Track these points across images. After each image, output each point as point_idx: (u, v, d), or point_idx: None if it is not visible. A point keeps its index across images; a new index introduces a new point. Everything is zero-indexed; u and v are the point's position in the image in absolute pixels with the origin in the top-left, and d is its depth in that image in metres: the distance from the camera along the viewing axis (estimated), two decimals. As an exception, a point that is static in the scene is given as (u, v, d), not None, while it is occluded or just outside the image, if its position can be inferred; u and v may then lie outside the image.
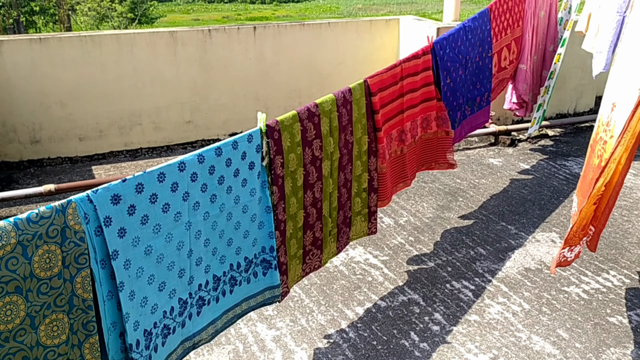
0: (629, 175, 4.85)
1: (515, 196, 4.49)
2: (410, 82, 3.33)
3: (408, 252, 3.65)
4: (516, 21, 4.63)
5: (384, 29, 5.85)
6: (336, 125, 2.72)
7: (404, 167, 3.45)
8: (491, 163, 5.17)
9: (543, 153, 5.41)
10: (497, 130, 5.59)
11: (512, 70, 4.79)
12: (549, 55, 5.30)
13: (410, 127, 3.43)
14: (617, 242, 3.77)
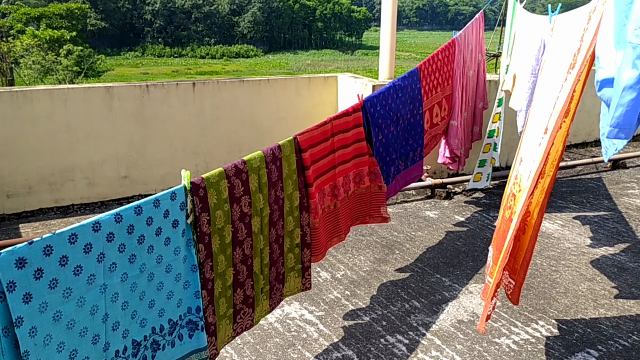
0: (556, 226, 5.07)
1: (450, 248, 4.58)
2: (342, 139, 3.41)
3: (344, 307, 3.63)
4: (446, 80, 4.86)
5: (323, 86, 6.01)
6: (265, 181, 2.74)
7: (337, 221, 3.48)
8: (427, 215, 5.28)
9: (477, 205, 5.59)
10: (433, 184, 5.75)
11: (444, 127, 4.99)
12: (479, 112, 5.57)
13: (343, 182, 3.49)
14: (546, 292, 3.89)
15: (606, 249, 4.61)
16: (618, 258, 4.44)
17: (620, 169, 6.89)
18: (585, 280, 4.08)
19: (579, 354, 3.19)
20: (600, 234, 4.91)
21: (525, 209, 2.39)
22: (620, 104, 1.54)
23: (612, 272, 4.19)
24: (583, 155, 7.40)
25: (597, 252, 4.55)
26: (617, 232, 4.96)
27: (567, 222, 5.16)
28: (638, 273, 4.18)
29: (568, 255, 4.49)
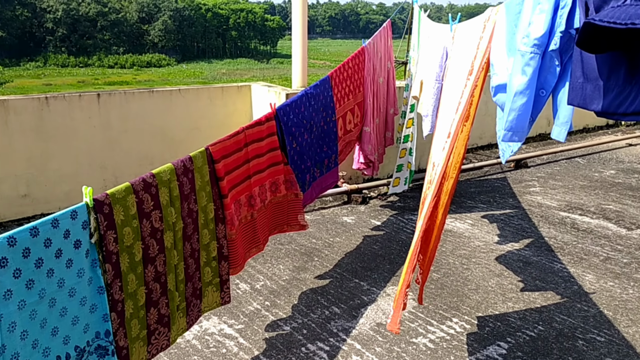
0: (467, 225, 5.30)
1: (367, 252, 4.66)
2: (256, 148, 3.38)
3: (264, 318, 3.59)
4: (357, 87, 4.95)
5: (237, 95, 5.95)
6: (177, 194, 2.65)
7: (255, 232, 3.43)
8: (345, 221, 5.35)
9: (392, 209, 5.73)
10: (349, 189, 5.84)
11: (357, 133, 5.08)
12: (390, 118, 5.73)
13: (259, 192, 3.45)
14: (459, 290, 4.04)
15: (512, 245, 4.88)
16: (523, 253, 4.71)
17: (522, 168, 7.33)
18: (494, 276, 4.29)
19: (490, 347, 3.33)
20: (506, 231, 5.19)
21: (430, 211, 2.47)
22: (512, 108, 1.64)
23: (518, 267, 4.44)
24: (489, 156, 7.81)
25: (504, 248, 4.80)
26: (521, 228, 5.26)
27: (476, 222, 5.41)
28: (541, 266, 4.46)
29: (478, 253, 4.70)
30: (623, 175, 7.06)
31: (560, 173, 7.15)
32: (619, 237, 5.07)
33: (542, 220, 5.46)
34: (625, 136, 9.11)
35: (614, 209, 5.80)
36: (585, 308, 3.83)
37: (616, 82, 1.06)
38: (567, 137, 1.92)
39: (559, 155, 7.97)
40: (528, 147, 8.50)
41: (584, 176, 7.02)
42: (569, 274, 4.34)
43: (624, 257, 4.63)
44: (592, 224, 5.40)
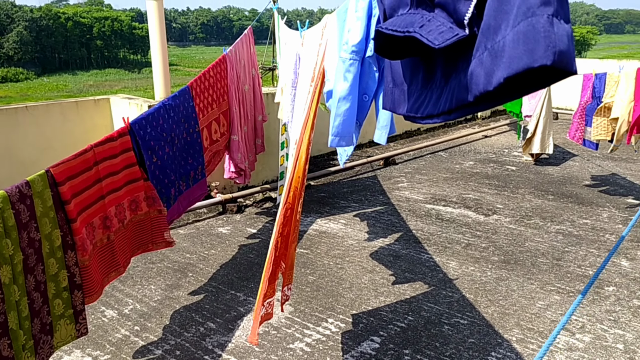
0: (340, 225, 5.42)
1: (244, 262, 4.60)
2: (109, 166, 3.18)
3: (133, 345, 3.39)
4: (221, 96, 4.87)
5: (94, 110, 5.60)
6: (13, 224, 2.40)
7: (114, 255, 3.22)
8: (220, 232, 5.24)
9: (268, 215, 5.72)
10: (223, 199, 5.73)
11: (225, 142, 4.99)
12: (259, 125, 5.71)
13: (116, 212, 3.25)
14: (333, 290, 4.12)
15: (383, 240, 5.07)
16: (393, 247, 4.91)
17: (391, 165, 7.68)
18: (367, 272, 4.42)
19: (364, 342, 3.42)
20: (377, 227, 5.39)
21: (282, 218, 2.47)
22: (337, 114, 1.68)
23: (388, 261, 4.62)
24: (360, 156, 8.07)
25: (376, 244, 4.97)
26: (391, 223, 5.49)
27: (349, 221, 5.56)
28: (410, 258, 4.67)
29: (351, 251, 4.82)
30: (480, 165, 7.65)
31: (426, 167, 7.58)
32: (478, 223, 5.47)
33: (410, 214, 5.74)
34: (482, 129, 9.89)
35: (473, 198, 6.25)
36: (450, 294, 4.07)
37: (416, 87, 1.11)
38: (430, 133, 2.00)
39: (424, 151, 8.45)
40: (396, 144, 8.92)
41: (447, 169, 7.50)
42: (435, 263, 4.60)
43: (482, 242, 5.00)
44: (455, 213, 5.77)
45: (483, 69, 0.83)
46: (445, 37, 0.92)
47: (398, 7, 1.07)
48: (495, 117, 11.17)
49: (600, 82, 6.01)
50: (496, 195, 6.32)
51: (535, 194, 6.35)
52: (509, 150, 8.54)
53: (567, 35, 0.73)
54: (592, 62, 11.92)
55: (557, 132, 8.93)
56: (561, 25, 0.73)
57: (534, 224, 5.43)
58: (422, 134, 9.73)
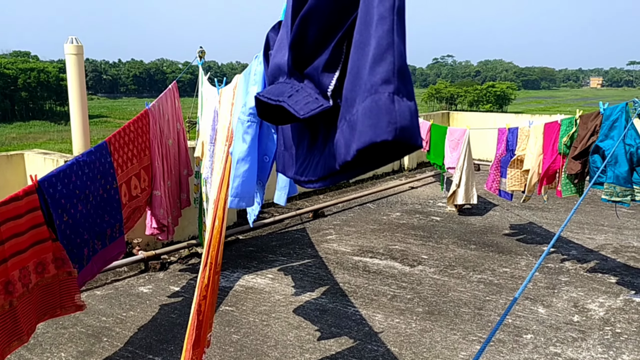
0: (267, 280, 5.34)
1: (165, 323, 4.40)
2: (13, 226, 3.00)
3: (36, 421, 3.12)
4: (142, 150, 4.77)
5: (7, 166, 5.33)
6: None
7: (16, 322, 3.01)
8: (141, 292, 5.02)
9: (193, 272, 5.55)
10: (145, 256, 5.52)
11: (145, 198, 4.86)
12: (184, 180, 5.61)
13: (20, 276, 3.05)
14: (258, 349, 4.00)
15: (310, 294, 5.02)
16: (320, 301, 4.86)
17: (320, 217, 7.71)
18: (293, 328, 4.34)
19: (287, 404, 3.31)
20: (305, 281, 5.34)
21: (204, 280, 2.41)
22: (236, 175, 1.68)
23: (315, 316, 4.56)
24: (289, 209, 8.07)
25: (302, 299, 4.91)
26: (319, 277, 5.46)
27: (276, 275, 5.48)
28: (336, 312, 4.64)
29: (278, 307, 4.74)
30: (407, 216, 7.82)
31: (354, 219, 7.67)
32: (404, 274, 5.54)
33: (337, 267, 5.74)
34: (408, 180, 10.18)
35: (399, 249, 6.35)
36: (375, 348, 4.05)
37: (302, 151, 1.13)
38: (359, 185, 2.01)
39: (352, 202, 8.57)
40: (325, 196, 9.01)
41: (375, 220, 7.62)
42: (361, 316, 4.58)
43: (408, 294, 5.05)
44: (381, 265, 5.83)
45: (343, 139, 0.85)
46: (311, 108, 0.94)
47: (278, 75, 1.10)
48: (421, 169, 11.56)
49: (513, 135, 6.38)
50: (421, 246, 6.45)
51: (458, 244, 6.54)
52: (434, 200, 8.81)
53: (410, 112, 0.77)
54: (507, 116, 12.69)
55: (480, 183, 9.33)
56: (403, 103, 0.77)
57: (457, 273, 5.57)
58: (351, 186, 9.90)
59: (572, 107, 57.27)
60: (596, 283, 5.28)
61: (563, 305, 4.79)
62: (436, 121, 11.86)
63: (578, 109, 5.93)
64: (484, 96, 60.13)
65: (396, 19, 0.80)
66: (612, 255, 6.11)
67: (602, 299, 4.91)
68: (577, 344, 4.09)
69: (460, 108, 60.50)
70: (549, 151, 5.68)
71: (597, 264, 5.81)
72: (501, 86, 62.50)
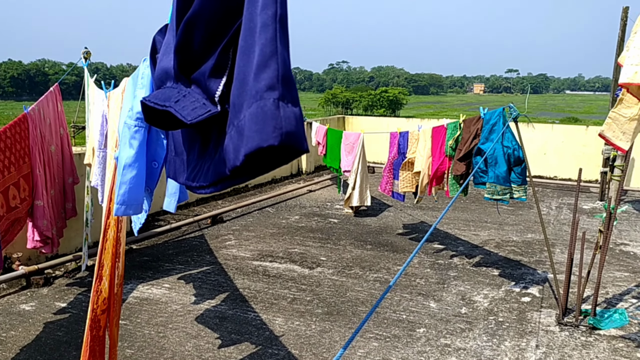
0: (164, 290, 5.15)
1: (50, 342, 4.11)
2: None
3: None
4: (21, 157, 4.43)
5: None
6: None
7: None
8: (23, 310, 4.65)
9: (81, 286, 5.23)
10: (27, 272, 5.12)
11: (26, 208, 4.51)
12: (69, 188, 5.28)
13: None
14: (154, 362, 3.85)
15: (209, 302, 4.92)
16: (219, 308, 4.78)
17: (219, 223, 7.59)
18: (192, 338, 4.22)
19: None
20: (204, 289, 5.22)
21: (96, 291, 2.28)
22: (122, 181, 1.62)
23: (214, 324, 4.47)
24: (187, 215, 7.87)
25: (201, 307, 4.80)
26: (218, 283, 5.37)
27: (173, 284, 5.31)
28: (236, 318, 4.58)
29: (175, 317, 4.59)
30: (305, 220, 7.91)
31: (254, 224, 7.63)
32: (303, 277, 5.60)
33: (237, 272, 5.68)
34: (307, 183, 10.31)
35: (298, 252, 6.41)
36: (276, 352, 4.05)
37: (193, 156, 1.12)
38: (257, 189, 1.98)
39: (252, 207, 8.52)
40: (224, 201, 8.88)
41: (274, 224, 7.63)
42: (262, 321, 4.56)
43: (307, 296, 5.11)
44: (281, 268, 5.84)
45: (232, 144, 0.85)
46: (198, 113, 0.93)
47: (165, 80, 1.07)
48: (319, 172, 11.76)
49: (404, 139, 6.68)
50: (320, 248, 6.56)
51: (355, 245, 6.73)
52: (332, 203, 8.99)
53: (295, 117, 0.79)
54: (399, 121, 13.28)
55: (375, 185, 9.66)
56: (288, 109, 0.79)
57: (354, 273, 5.72)
58: (250, 191, 9.84)
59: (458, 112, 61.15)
60: (481, 276, 5.66)
61: (452, 298, 5.08)
62: (332, 125, 12.14)
63: (462, 113, 6.35)
64: (378, 101, 62.37)
65: (279, 27, 0.81)
66: (494, 249, 6.59)
67: (486, 290, 5.28)
68: (465, 334, 4.36)
69: (356, 112, 62.35)
70: (437, 154, 6.01)
71: (482, 259, 6.23)
72: (393, 91, 65.23)
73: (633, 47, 3.37)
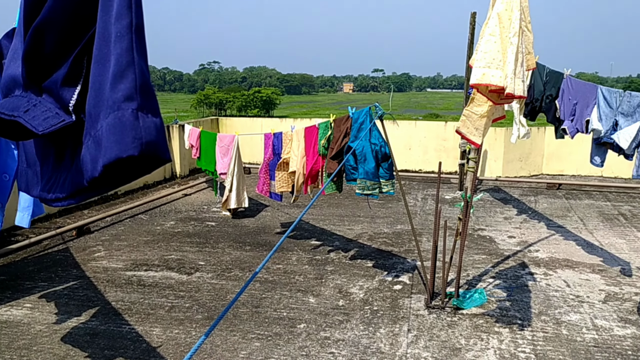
0: (25, 310, 4.74)
1: None
2: None
3: None
4: None
5: None
6: None
7: None
8: None
9: None
10: None
11: None
12: None
13: None
14: (17, 390, 3.53)
15: (78, 319, 4.61)
16: (90, 325, 4.50)
17: (85, 234, 7.12)
18: (59, 358, 3.94)
19: None
20: (71, 305, 4.89)
21: None
22: None
23: (85, 342, 4.21)
24: (48, 228, 7.29)
25: (69, 325, 4.49)
26: (87, 298, 5.05)
27: (36, 303, 4.91)
28: (109, 333, 4.35)
29: (40, 338, 4.25)
30: (182, 224, 7.70)
31: (125, 232, 7.27)
32: (181, 283, 5.45)
33: (108, 285, 5.38)
34: (181, 187, 10.03)
35: (175, 258, 6.22)
36: (155, 363, 3.91)
37: (47, 168, 1.05)
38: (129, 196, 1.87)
39: (123, 215, 8.11)
40: (90, 210, 8.36)
41: (148, 231, 7.33)
42: (138, 333, 4.38)
43: (186, 302, 4.99)
44: (157, 276, 5.64)
45: (90, 155, 0.83)
46: (51, 123, 0.89)
47: (13, 88, 1.00)
48: (194, 175, 11.49)
49: (278, 140, 6.75)
50: (198, 253, 6.43)
51: (234, 247, 6.68)
52: (209, 206, 8.84)
53: (156, 127, 0.79)
54: (273, 121, 13.40)
55: (252, 186, 9.65)
56: (148, 119, 0.79)
57: (234, 275, 5.69)
58: (120, 198, 9.36)
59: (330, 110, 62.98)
60: (356, 269, 5.91)
61: (330, 292, 5.25)
62: (206, 128, 11.94)
63: (332, 113, 6.57)
64: (252, 101, 62.20)
65: (135, 37, 0.80)
66: (368, 242, 6.91)
67: (361, 282, 5.52)
68: (343, 326, 4.53)
69: (230, 113, 61.66)
70: (311, 153, 6.16)
71: (357, 252, 6.51)
72: (267, 92, 65.44)
73: (480, 51, 3.72)
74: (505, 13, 3.56)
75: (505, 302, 5.02)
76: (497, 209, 8.69)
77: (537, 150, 11.45)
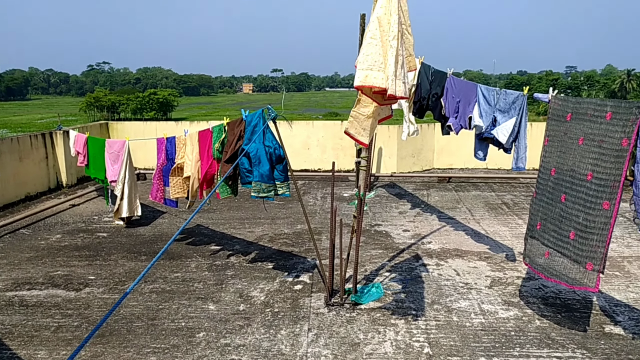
0: None
1: None
2: None
3: None
4: None
5: None
6: None
7: None
8: None
9: None
10: None
11: None
12: None
13: None
14: None
15: (-51, 349, 4.17)
16: (-36, 354, 4.10)
17: (-42, 254, 6.47)
18: None
19: None
20: (-59, 335, 4.41)
21: None
22: None
23: (-43, 374, 3.82)
24: None
25: (-62, 357, 4.06)
26: (-40, 325, 4.59)
27: None
28: (-13, 362, 3.99)
29: None
30: (69, 237, 7.23)
31: (5, 249, 6.70)
32: (69, 301, 5.11)
33: (-14, 309, 4.93)
34: (69, 198, 9.42)
35: (62, 274, 5.83)
36: (40, 390, 3.63)
37: None
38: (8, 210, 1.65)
39: (2, 231, 7.47)
40: (-35, 228, 7.61)
41: (30, 247, 6.81)
42: (20, 358, 4.05)
43: (75, 321, 4.69)
44: (42, 295, 5.25)
45: None
46: None
47: None
48: (83, 184, 10.83)
49: (171, 145, 6.53)
50: (88, 267, 6.06)
51: (128, 257, 6.38)
52: (99, 216, 8.38)
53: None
54: (168, 125, 12.98)
55: (145, 193, 9.26)
56: None
57: (127, 288, 5.42)
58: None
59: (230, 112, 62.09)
60: (257, 271, 5.87)
61: (230, 297, 5.17)
62: (94, 133, 11.31)
63: (225, 116, 6.46)
64: (147, 103, 59.77)
65: None
66: (268, 244, 6.89)
67: (262, 284, 5.49)
68: (244, 331, 4.48)
69: (124, 116, 58.92)
70: (205, 157, 6.02)
71: (257, 254, 6.47)
72: (163, 93, 63.16)
73: (363, 54, 3.82)
74: (384, 17, 3.68)
75: (400, 294, 5.22)
76: (392, 204, 9.02)
77: (428, 146, 12.03)
